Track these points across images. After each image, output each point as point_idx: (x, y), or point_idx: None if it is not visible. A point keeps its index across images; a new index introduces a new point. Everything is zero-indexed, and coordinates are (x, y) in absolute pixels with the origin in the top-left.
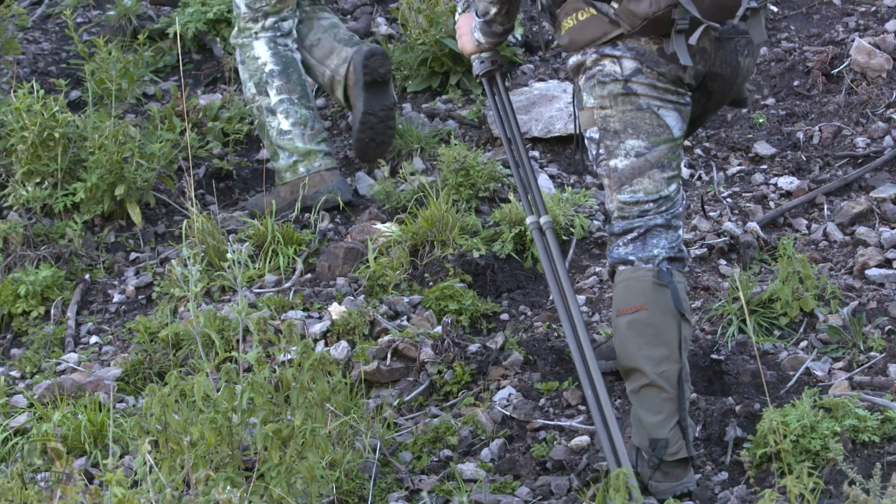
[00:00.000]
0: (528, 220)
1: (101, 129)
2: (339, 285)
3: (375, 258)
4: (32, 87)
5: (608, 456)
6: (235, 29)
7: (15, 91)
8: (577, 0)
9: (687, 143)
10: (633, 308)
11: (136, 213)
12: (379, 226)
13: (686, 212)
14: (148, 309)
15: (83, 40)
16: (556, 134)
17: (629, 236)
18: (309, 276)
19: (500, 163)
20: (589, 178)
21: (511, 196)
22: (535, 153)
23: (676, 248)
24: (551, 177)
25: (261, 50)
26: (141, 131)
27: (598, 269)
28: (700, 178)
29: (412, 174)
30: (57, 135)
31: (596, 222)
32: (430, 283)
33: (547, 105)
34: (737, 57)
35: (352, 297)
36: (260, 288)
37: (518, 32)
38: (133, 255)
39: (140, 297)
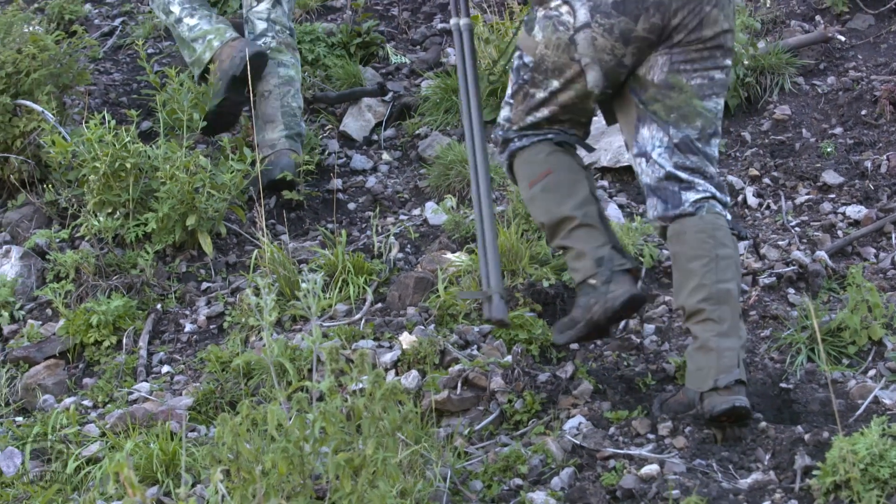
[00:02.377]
0: (452, 21)
1: (172, 159)
2: (410, 315)
3: (446, 288)
4: (104, 117)
5: (482, 272)
6: None
7: (87, 122)
8: None
9: (755, 172)
10: (542, 174)
11: (207, 243)
12: (449, 255)
13: (756, 240)
14: (219, 338)
15: (154, 71)
16: (625, 164)
17: (526, 138)
18: (379, 305)
19: None
20: None
21: None
22: (604, 182)
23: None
24: (620, 206)
25: None
26: (212, 162)
27: (667, 298)
28: (768, 207)
29: None
30: (128, 165)
31: (665, 251)
32: None
33: (615, 135)
34: (702, 6)
35: (422, 327)
36: (331, 318)
37: None
38: (204, 285)
39: (211, 326)
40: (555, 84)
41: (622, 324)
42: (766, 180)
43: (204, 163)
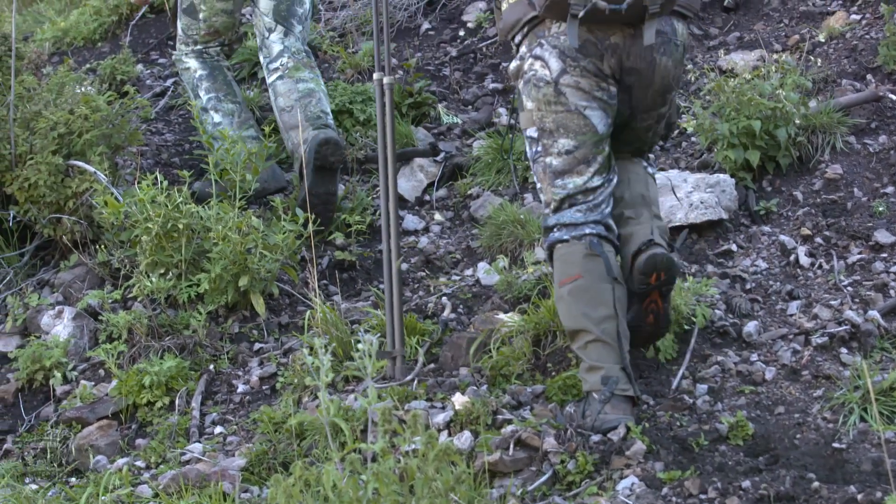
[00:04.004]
0: (375, 75)
1: (224, 220)
2: (463, 375)
3: (498, 348)
4: (156, 178)
5: (388, 332)
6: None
7: (139, 182)
8: None
9: (807, 231)
10: (572, 277)
11: (259, 304)
12: (501, 316)
13: (807, 300)
14: (272, 399)
15: (207, 131)
16: (677, 223)
17: (566, 229)
18: (432, 366)
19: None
20: (710, 268)
21: None
22: None
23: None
24: None
25: (191, 62)
26: (264, 222)
27: (719, 357)
28: (821, 266)
29: (534, 264)
30: (181, 226)
31: (717, 311)
32: (553, 373)
33: (668, 195)
34: (652, 53)
35: (475, 387)
36: (383, 378)
37: None
38: (257, 346)
39: (264, 387)
40: (564, 143)
41: (675, 384)
42: (819, 240)
43: (256, 223)
